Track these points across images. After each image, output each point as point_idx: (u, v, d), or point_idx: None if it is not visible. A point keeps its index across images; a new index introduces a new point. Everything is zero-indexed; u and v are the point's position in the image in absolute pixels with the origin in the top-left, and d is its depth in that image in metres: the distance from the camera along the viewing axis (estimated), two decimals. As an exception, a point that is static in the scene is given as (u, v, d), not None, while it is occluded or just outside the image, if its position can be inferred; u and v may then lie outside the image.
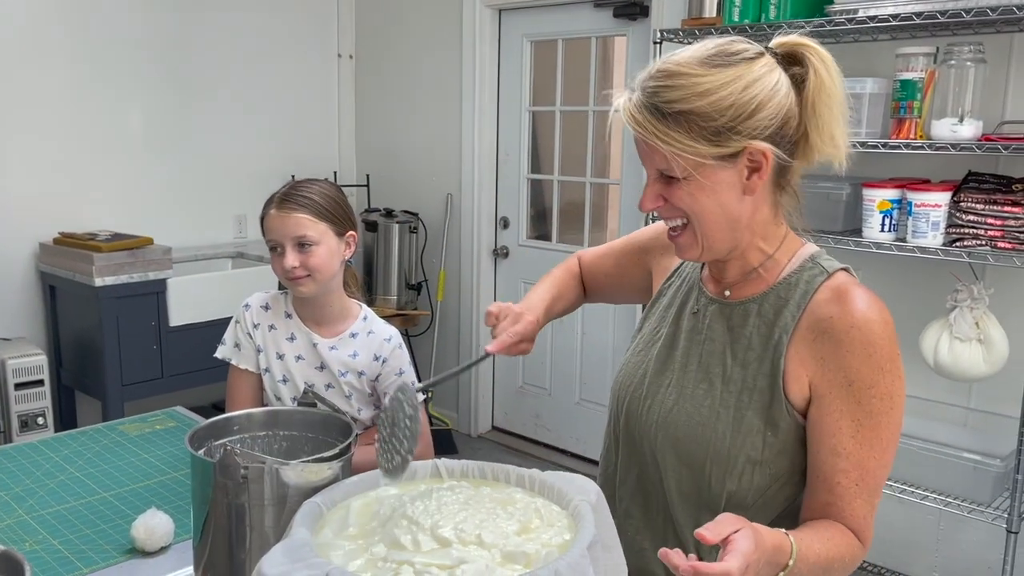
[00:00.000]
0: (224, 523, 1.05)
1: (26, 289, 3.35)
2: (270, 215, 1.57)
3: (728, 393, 1.05)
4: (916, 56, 2.19)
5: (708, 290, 1.13)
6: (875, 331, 0.99)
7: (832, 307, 1.01)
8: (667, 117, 0.97)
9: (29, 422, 3.06)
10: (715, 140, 0.96)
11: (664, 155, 0.98)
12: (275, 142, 4.01)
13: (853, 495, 1.00)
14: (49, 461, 1.62)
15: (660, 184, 1.02)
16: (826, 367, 1.00)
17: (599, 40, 3.46)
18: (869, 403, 0.99)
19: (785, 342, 1.02)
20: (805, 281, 1.05)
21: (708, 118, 0.96)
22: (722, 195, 1.00)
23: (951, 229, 2.16)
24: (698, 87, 0.96)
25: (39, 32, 3.27)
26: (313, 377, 1.62)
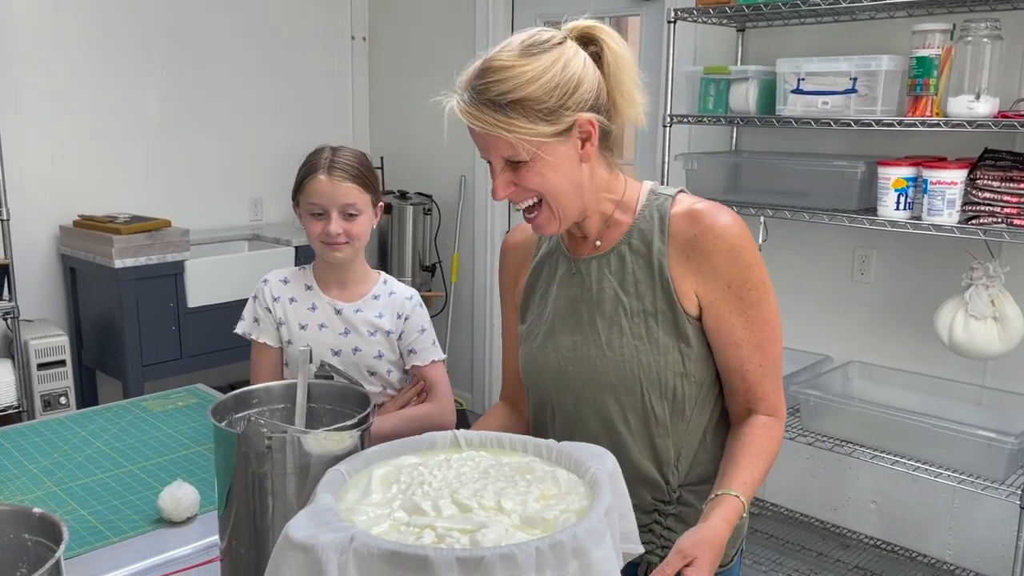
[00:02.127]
0: (247, 492, 1.07)
1: (47, 271, 3.40)
2: (318, 179, 1.58)
3: (636, 325, 1.17)
4: (932, 33, 2.18)
5: (571, 252, 1.25)
6: (733, 233, 1.14)
7: (692, 227, 1.16)
8: (504, 108, 1.07)
9: (52, 401, 3.11)
10: (550, 119, 1.08)
11: (509, 143, 1.08)
12: (289, 125, 4.03)
13: (761, 376, 1.17)
14: (76, 436, 1.66)
15: (508, 172, 1.12)
16: (704, 278, 1.15)
17: (613, 20, 3.45)
18: (748, 295, 1.15)
19: (666, 264, 1.17)
20: (657, 209, 1.20)
21: (540, 101, 1.07)
22: (565, 167, 1.11)
23: (967, 207, 2.16)
24: (525, 75, 1.06)
25: (59, 17, 3.29)
26: (338, 343, 1.65)
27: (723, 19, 2.64)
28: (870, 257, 2.65)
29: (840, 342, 2.74)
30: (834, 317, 2.75)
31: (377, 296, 1.69)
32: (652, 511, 1.21)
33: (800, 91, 2.41)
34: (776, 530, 2.83)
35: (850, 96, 2.32)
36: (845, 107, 2.33)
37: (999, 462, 2.13)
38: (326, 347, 1.65)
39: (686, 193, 1.22)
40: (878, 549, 2.68)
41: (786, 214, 2.45)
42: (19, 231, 3.03)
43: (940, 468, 2.20)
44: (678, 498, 1.21)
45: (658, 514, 1.21)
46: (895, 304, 2.61)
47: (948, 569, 2.55)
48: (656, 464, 1.20)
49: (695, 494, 1.22)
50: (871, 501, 2.73)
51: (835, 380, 2.60)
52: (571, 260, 1.25)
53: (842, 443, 2.36)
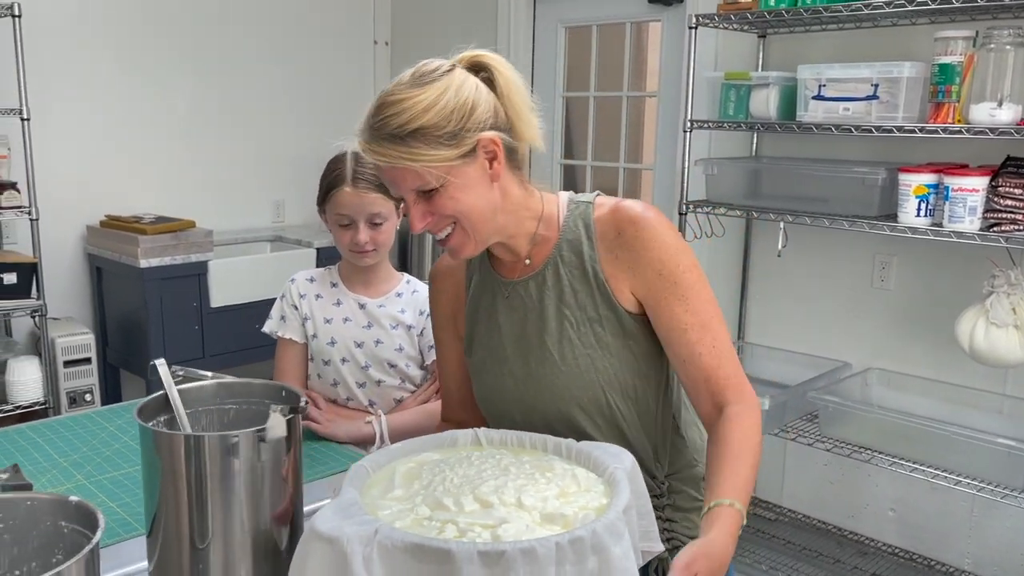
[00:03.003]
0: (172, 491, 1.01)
1: (74, 270, 3.46)
2: (344, 192, 1.63)
3: (585, 334, 1.19)
4: (955, 40, 2.18)
5: (504, 276, 1.26)
6: (653, 224, 1.16)
7: (614, 226, 1.18)
8: (405, 139, 1.08)
9: (77, 398, 3.16)
10: (452, 143, 1.09)
11: (416, 173, 1.09)
12: (312, 129, 4.07)
13: (717, 357, 1.14)
14: (104, 431, 1.70)
15: (422, 203, 1.13)
16: (636, 272, 1.16)
17: (634, 26, 3.47)
18: (681, 278, 1.15)
19: (599, 268, 1.18)
20: (581, 217, 1.21)
21: (438, 127, 1.08)
22: (476, 188, 1.12)
23: (988, 214, 2.15)
24: (419, 104, 1.08)
25: (88, 21, 3.36)
26: (361, 336, 1.70)
27: (744, 25, 2.65)
28: (890, 264, 2.64)
29: (859, 348, 2.73)
30: (854, 323, 2.75)
31: (400, 294, 1.74)
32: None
33: (821, 97, 2.41)
34: (794, 536, 2.83)
35: (871, 102, 2.32)
36: (866, 113, 2.33)
37: (1019, 471, 2.13)
38: (350, 339, 1.71)
39: (603, 195, 1.24)
40: (896, 557, 2.67)
41: (806, 220, 2.45)
42: (47, 231, 3.09)
43: (959, 476, 2.20)
44: (668, 488, 1.25)
45: (655, 508, 1.20)
46: (915, 311, 2.60)
47: (967, 578, 2.53)
48: (640, 462, 1.19)
49: (682, 480, 1.27)
50: (889, 508, 2.72)
51: (854, 386, 2.60)
52: (505, 284, 1.25)
53: (860, 450, 2.36)
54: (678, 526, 1.25)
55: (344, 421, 1.67)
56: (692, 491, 1.27)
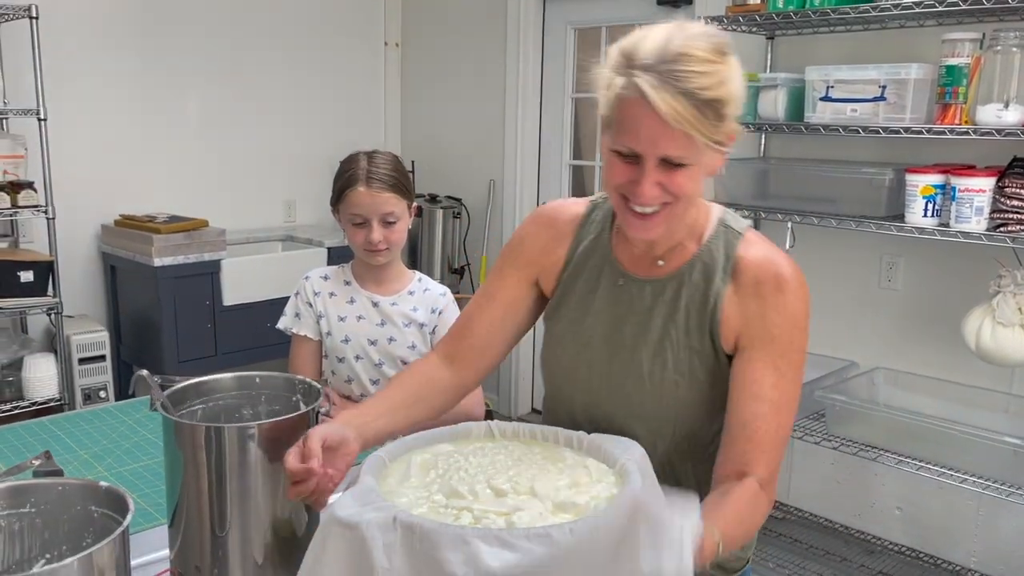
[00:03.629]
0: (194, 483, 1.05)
1: (89, 269, 3.50)
2: (358, 192, 1.66)
3: (681, 360, 1.13)
4: (962, 42, 2.20)
5: (628, 269, 1.17)
6: (795, 292, 1.11)
7: (758, 273, 1.11)
8: (700, 104, 0.97)
9: (92, 395, 3.20)
10: (721, 126, 1.01)
11: (688, 141, 0.99)
12: (323, 129, 4.11)
13: (768, 443, 1.08)
14: (123, 424, 1.73)
15: (659, 172, 1.03)
16: (752, 324, 1.10)
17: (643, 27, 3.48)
18: (789, 356, 1.10)
19: (720, 306, 1.12)
20: (724, 246, 1.14)
21: (726, 104, 1.00)
22: (701, 180, 1.06)
23: (995, 214, 2.17)
24: (722, 73, 0.99)
25: (103, 22, 3.40)
26: (375, 333, 1.73)
27: (752, 27, 2.67)
28: (897, 264, 2.66)
29: (866, 348, 2.75)
30: (861, 323, 2.76)
31: (412, 292, 1.77)
32: None
33: (829, 99, 2.43)
34: (800, 535, 2.84)
35: (879, 104, 2.34)
36: (874, 115, 2.35)
37: (1025, 469, 2.14)
38: (363, 337, 1.73)
39: (754, 232, 1.17)
40: (902, 556, 2.68)
41: (813, 220, 2.47)
42: (63, 230, 3.13)
43: (966, 475, 2.21)
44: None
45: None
46: (922, 311, 2.62)
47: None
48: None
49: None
50: (896, 507, 2.73)
51: (861, 386, 2.62)
52: (624, 275, 1.18)
53: (867, 448, 2.37)
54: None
55: None
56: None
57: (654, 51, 0.99)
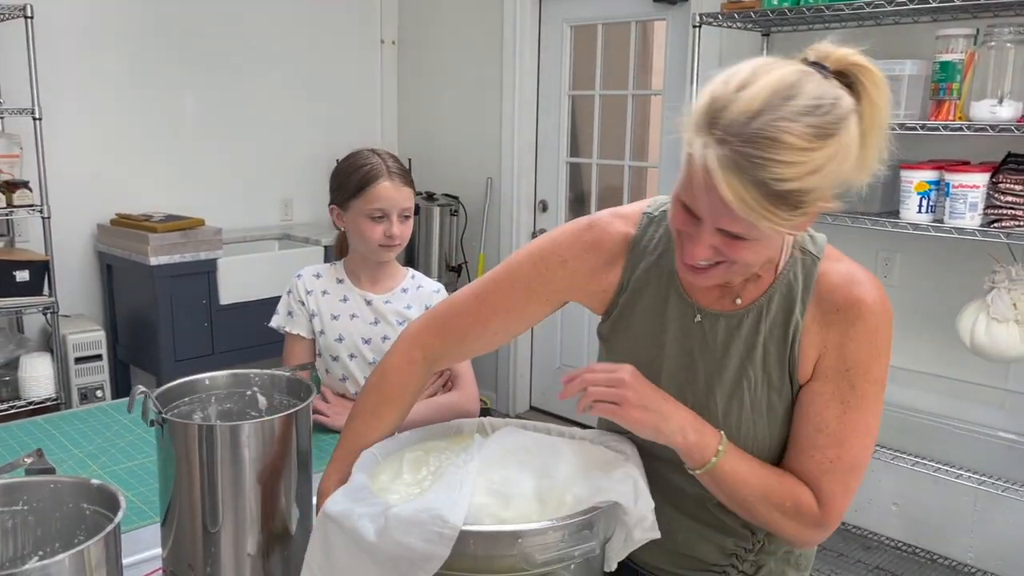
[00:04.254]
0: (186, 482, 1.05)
1: (85, 268, 3.50)
2: (384, 186, 1.67)
3: (758, 400, 1.05)
4: (956, 38, 2.20)
5: (700, 302, 1.07)
6: (877, 319, 1.01)
7: (838, 298, 1.02)
8: (775, 195, 0.86)
9: (88, 394, 3.20)
10: (799, 208, 0.88)
11: (746, 223, 0.88)
12: (319, 128, 4.11)
13: (825, 469, 1.01)
14: (117, 423, 1.73)
15: (716, 237, 0.93)
16: (828, 354, 1.02)
17: (639, 25, 3.49)
18: (863, 387, 1.01)
19: (799, 340, 1.03)
20: (803, 273, 1.04)
21: (810, 194, 0.87)
22: (775, 242, 0.99)
23: (989, 210, 2.17)
24: (813, 164, 0.86)
25: (98, 21, 3.40)
26: (368, 332, 1.73)
27: (748, 24, 2.67)
28: (893, 260, 2.66)
29: (862, 344, 2.74)
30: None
31: (406, 289, 1.77)
32: (731, 554, 1.12)
33: (823, 95, 2.43)
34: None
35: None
36: (868, 111, 2.35)
37: (1021, 464, 2.15)
38: (357, 335, 1.73)
39: (832, 249, 1.07)
40: (899, 551, 2.69)
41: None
42: (59, 229, 3.13)
43: (962, 470, 2.22)
44: (761, 547, 1.11)
45: (736, 558, 1.12)
46: (917, 307, 2.62)
47: (969, 571, 2.55)
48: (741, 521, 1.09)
49: (778, 542, 1.11)
50: (893, 503, 2.74)
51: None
52: (693, 307, 1.08)
53: (863, 444, 2.38)
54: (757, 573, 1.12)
55: None
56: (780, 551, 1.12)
57: (739, 121, 0.86)
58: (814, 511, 1.01)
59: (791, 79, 0.88)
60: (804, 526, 1.02)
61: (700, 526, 1.11)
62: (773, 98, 0.86)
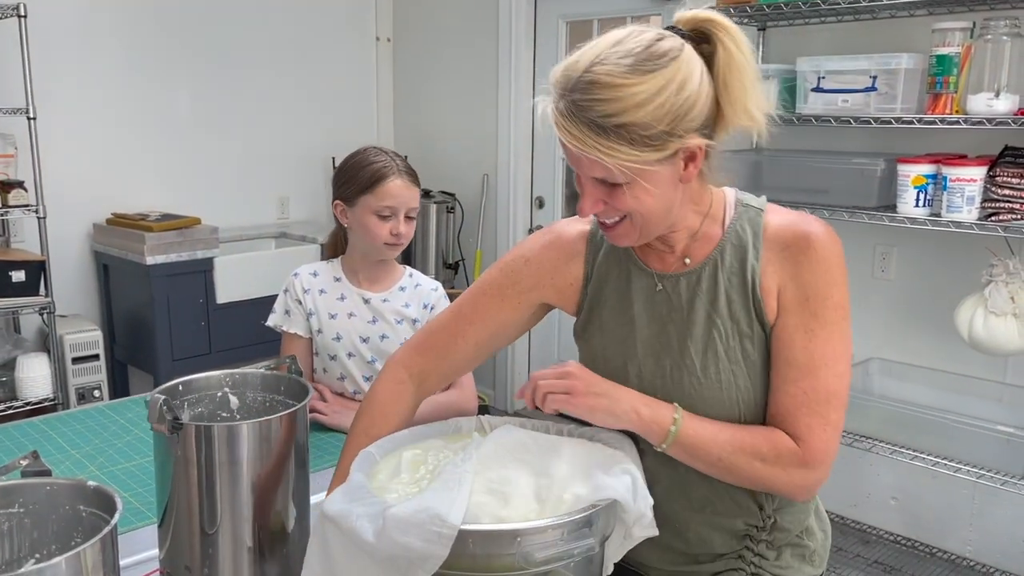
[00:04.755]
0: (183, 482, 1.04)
1: (81, 268, 3.49)
2: (395, 184, 1.67)
3: (732, 348, 1.08)
4: (952, 31, 2.20)
5: (657, 268, 1.12)
6: (827, 247, 1.05)
7: (785, 237, 1.07)
8: (607, 131, 0.95)
9: (86, 395, 3.20)
10: (655, 145, 0.96)
11: (605, 167, 0.97)
12: (315, 125, 4.10)
13: (800, 403, 1.03)
14: (115, 423, 1.73)
15: (599, 190, 1.01)
16: (786, 287, 1.06)
17: (635, 20, 3.49)
18: (824, 314, 1.05)
19: (759, 282, 1.07)
20: (750, 223, 1.10)
21: (647, 127, 0.95)
22: (662, 190, 1.01)
23: (986, 204, 2.17)
24: (635, 98, 0.94)
25: (92, 20, 3.39)
26: (366, 330, 1.72)
27: (744, 18, 2.67)
28: (890, 254, 2.66)
29: (860, 339, 2.73)
30: (854, 314, 2.72)
31: (403, 288, 1.76)
32: (744, 536, 1.13)
33: (820, 89, 2.43)
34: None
35: (870, 94, 2.34)
36: (865, 105, 2.35)
37: (1019, 458, 2.15)
38: (355, 334, 1.72)
39: (775, 205, 1.14)
40: (898, 545, 2.69)
41: (806, 211, 2.46)
42: (55, 229, 3.12)
43: (960, 464, 2.22)
44: (773, 524, 1.12)
45: (750, 539, 1.13)
46: (915, 301, 2.62)
47: (968, 565, 2.56)
48: (750, 491, 1.11)
49: (789, 517, 1.14)
50: (891, 497, 2.74)
51: (855, 377, 2.61)
52: (653, 276, 1.12)
53: (862, 439, 2.38)
54: (768, 564, 1.13)
55: (351, 412, 1.69)
56: (795, 528, 1.15)
57: (572, 77, 0.97)
58: (794, 450, 1.03)
59: (622, 35, 0.99)
60: (789, 468, 1.03)
61: (709, 515, 1.12)
62: (602, 52, 0.97)
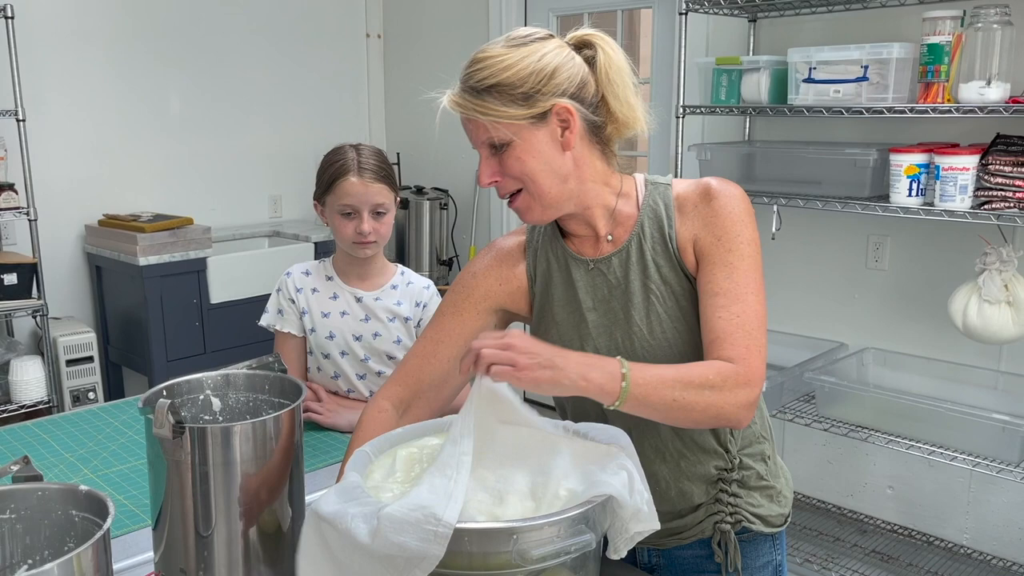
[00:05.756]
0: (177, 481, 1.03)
1: (74, 270, 3.48)
2: (350, 181, 1.65)
3: (670, 308, 1.19)
4: (943, 20, 2.19)
5: (589, 255, 1.25)
6: (728, 194, 1.18)
7: (693, 194, 1.21)
8: (481, 93, 1.13)
9: (80, 397, 3.19)
10: (525, 104, 1.12)
11: (485, 126, 1.14)
12: (306, 123, 4.09)
13: (736, 325, 1.11)
14: (109, 426, 1.72)
15: (493, 159, 1.16)
16: (699, 237, 1.18)
17: (625, 13, 3.47)
18: (738, 248, 1.15)
19: (676, 243, 1.20)
20: (661, 196, 1.23)
21: (513, 86, 1.12)
22: (545, 154, 1.15)
23: (979, 192, 2.17)
24: (502, 63, 1.13)
25: (81, 20, 3.36)
26: (359, 329, 1.71)
27: (734, 10, 2.66)
28: (884, 244, 2.66)
29: (855, 329, 2.75)
30: (849, 304, 2.77)
31: (395, 286, 1.75)
32: (717, 481, 1.25)
33: (812, 80, 2.43)
34: (793, 516, 2.84)
35: (861, 84, 2.33)
36: (857, 95, 2.34)
37: (1014, 445, 2.15)
38: (348, 333, 1.72)
39: (679, 179, 1.27)
40: (895, 534, 2.70)
41: (799, 202, 2.47)
42: (46, 231, 3.11)
43: (956, 452, 2.22)
44: (739, 463, 1.25)
45: (723, 483, 1.25)
46: (909, 290, 2.62)
47: (965, 553, 2.56)
48: (714, 434, 1.24)
49: (751, 456, 1.26)
50: (887, 486, 2.75)
51: (850, 367, 2.62)
52: (588, 262, 1.24)
53: (858, 429, 2.38)
54: (742, 502, 1.26)
55: (346, 411, 1.69)
56: (760, 468, 1.27)
57: (468, 64, 1.16)
58: (736, 370, 1.08)
59: (517, 33, 1.18)
60: (734, 389, 1.07)
61: (684, 467, 1.24)
62: (489, 44, 1.18)
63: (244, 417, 1.19)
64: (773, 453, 1.33)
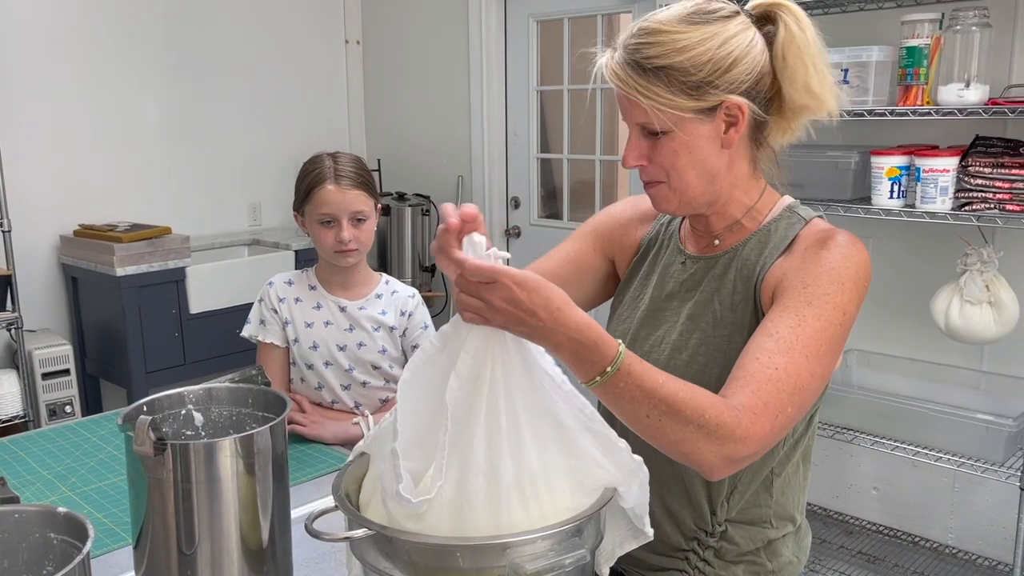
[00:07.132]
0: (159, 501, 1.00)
1: (49, 281, 3.42)
2: (328, 189, 1.63)
3: (719, 336, 1.08)
4: (921, 23, 2.21)
5: (689, 249, 1.18)
6: (847, 253, 1.02)
7: (810, 238, 1.06)
8: (647, 72, 1.01)
9: (57, 410, 3.13)
10: (694, 94, 1.01)
11: (644, 109, 1.02)
12: (286, 130, 4.05)
13: (768, 377, 0.93)
14: (87, 442, 1.68)
15: (644, 142, 1.06)
16: (788, 275, 1.03)
17: (605, 17, 3.48)
18: (820, 305, 0.98)
19: (764, 275, 1.06)
20: (784, 227, 1.10)
21: (686, 73, 1.00)
22: (701, 149, 1.04)
23: (960, 194, 2.19)
24: (677, 43, 1.01)
25: (57, 27, 3.31)
26: (343, 339, 1.69)
27: (714, 14, 2.66)
28: (866, 246, 2.67)
29: (838, 331, 2.76)
30: (832, 306, 2.77)
31: (380, 295, 1.73)
32: (692, 538, 1.13)
33: (792, 83, 2.43)
34: (780, 519, 2.85)
35: (841, 87, 2.34)
36: (837, 98, 2.35)
37: (998, 445, 2.16)
38: (332, 343, 1.69)
39: (822, 219, 1.12)
40: (881, 535, 2.71)
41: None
42: (20, 241, 3.05)
43: (940, 453, 2.23)
44: (722, 532, 1.12)
45: (697, 543, 1.13)
46: (892, 292, 2.63)
47: (950, 552, 2.57)
48: (706, 489, 1.11)
49: (742, 532, 1.12)
50: (873, 487, 2.76)
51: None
52: (682, 253, 1.17)
53: (843, 430, 2.39)
54: (712, 573, 1.12)
55: (331, 422, 1.67)
56: (745, 547, 1.12)
57: (628, 31, 1.05)
58: (735, 420, 0.90)
59: (687, 2, 1.06)
60: (722, 439, 0.90)
61: (667, 494, 1.13)
62: (663, 10, 1.05)
63: (227, 432, 1.17)
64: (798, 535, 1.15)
